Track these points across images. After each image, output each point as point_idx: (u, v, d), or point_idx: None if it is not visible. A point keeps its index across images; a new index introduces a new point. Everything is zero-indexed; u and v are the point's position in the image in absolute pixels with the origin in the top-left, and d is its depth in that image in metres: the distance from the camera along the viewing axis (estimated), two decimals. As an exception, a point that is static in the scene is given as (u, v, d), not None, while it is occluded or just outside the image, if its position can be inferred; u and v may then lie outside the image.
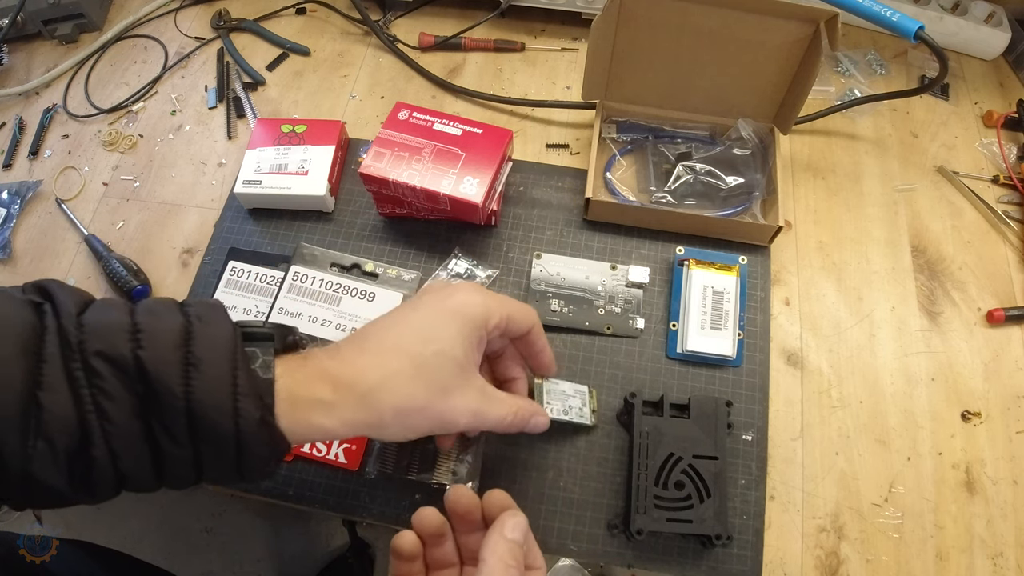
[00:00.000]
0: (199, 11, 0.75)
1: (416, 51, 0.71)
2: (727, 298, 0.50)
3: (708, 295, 0.50)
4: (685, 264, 0.51)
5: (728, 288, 0.51)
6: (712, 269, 0.51)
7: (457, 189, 0.52)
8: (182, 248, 0.60)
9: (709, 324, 0.50)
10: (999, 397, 0.53)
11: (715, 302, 0.50)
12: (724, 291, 0.50)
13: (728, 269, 0.52)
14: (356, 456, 0.50)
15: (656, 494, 0.45)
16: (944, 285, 0.57)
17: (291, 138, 0.60)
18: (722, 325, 0.50)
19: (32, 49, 0.74)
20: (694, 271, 0.50)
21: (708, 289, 0.50)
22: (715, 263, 0.52)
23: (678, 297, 0.51)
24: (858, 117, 0.66)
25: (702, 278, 0.50)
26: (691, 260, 0.51)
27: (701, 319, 0.50)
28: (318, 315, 0.55)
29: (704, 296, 0.50)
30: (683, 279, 0.51)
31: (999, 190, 0.62)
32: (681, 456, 0.46)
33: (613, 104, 0.61)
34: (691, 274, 0.50)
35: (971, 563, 0.47)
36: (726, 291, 0.50)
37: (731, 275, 0.51)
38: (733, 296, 0.50)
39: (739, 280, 0.51)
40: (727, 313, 0.50)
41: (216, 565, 1.16)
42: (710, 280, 0.51)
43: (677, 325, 0.50)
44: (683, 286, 0.51)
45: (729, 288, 0.51)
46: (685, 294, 0.50)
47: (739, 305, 0.50)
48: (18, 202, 0.63)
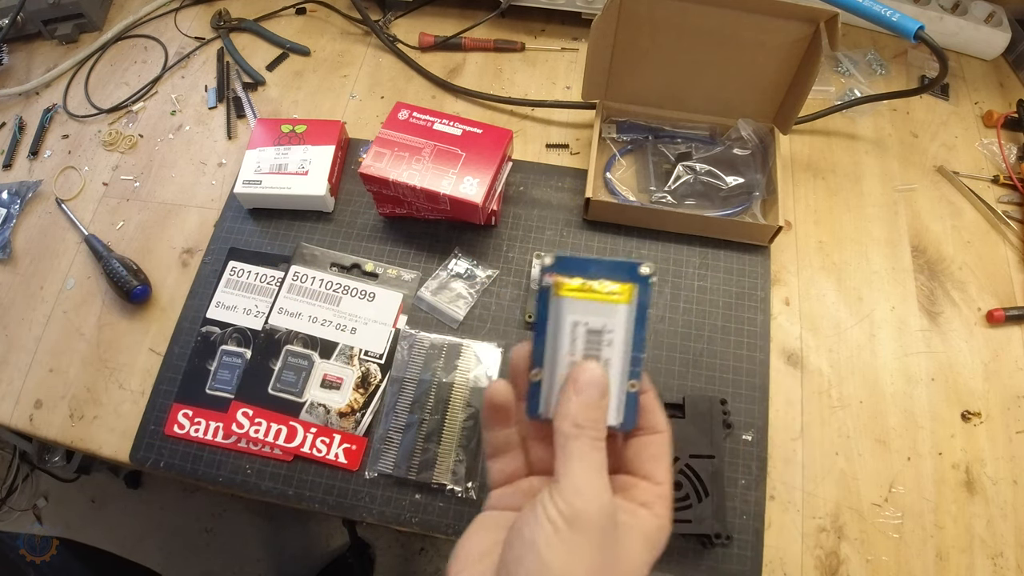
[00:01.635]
0: (199, 11, 0.75)
1: (416, 51, 0.71)
2: (608, 340, 0.30)
3: (579, 336, 0.30)
4: (550, 288, 0.30)
5: (611, 325, 0.30)
6: (590, 296, 0.30)
7: (457, 189, 0.52)
8: (182, 248, 0.60)
9: None
10: (999, 397, 0.53)
11: (589, 347, 0.30)
12: (604, 330, 0.30)
13: (615, 295, 0.30)
14: (356, 456, 0.50)
15: None
16: (944, 285, 0.57)
17: (291, 138, 0.60)
18: None
19: (32, 49, 0.74)
20: (563, 300, 0.30)
21: (579, 328, 0.30)
22: (595, 283, 0.30)
23: (543, 333, 0.30)
24: (858, 117, 0.66)
25: (572, 311, 0.30)
26: (559, 280, 0.30)
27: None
28: (318, 315, 0.55)
29: (573, 338, 0.30)
30: (546, 309, 0.30)
31: (999, 190, 0.62)
32: (677, 456, 0.46)
33: (613, 104, 0.61)
34: (559, 304, 0.30)
35: (971, 563, 0.47)
36: (607, 330, 0.30)
37: (618, 302, 0.30)
38: (620, 336, 0.30)
39: (633, 308, 0.30)
40: (608, 362, 0.30)
41: (216, 565, 1.16)
42: (584, 314, 0.30)
43: (540, 374, 0.30)
44: (549, 321, 0.30)
45: (614, 324, 0.30)
46: (552, 331, 0.30)
47: (633, 345, 0.30)
48: (18, 202, 0.63)
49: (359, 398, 0.52)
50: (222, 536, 1.19)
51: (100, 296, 0.58)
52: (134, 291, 0.56)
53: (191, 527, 1.19)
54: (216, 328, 0.55)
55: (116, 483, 1.22)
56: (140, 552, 1.19)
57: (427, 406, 0.51)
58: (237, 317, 0.55)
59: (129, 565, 0.74)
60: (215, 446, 0.51)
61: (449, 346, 0.53)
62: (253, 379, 0.53)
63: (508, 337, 0.54)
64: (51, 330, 0.57)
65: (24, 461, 1.21)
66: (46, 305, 0.58)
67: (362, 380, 0.52)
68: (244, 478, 0.51)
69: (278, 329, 0.54)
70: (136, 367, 0.55)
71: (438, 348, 0.53)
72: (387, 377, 0.53)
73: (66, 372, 0.55)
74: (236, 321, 0.55)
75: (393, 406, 0.51)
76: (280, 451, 0.51)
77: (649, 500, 0.29)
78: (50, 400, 0.54)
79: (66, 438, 0.53)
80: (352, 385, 0.52)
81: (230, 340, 0.55)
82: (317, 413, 0.51)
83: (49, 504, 1.23)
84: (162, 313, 0.57)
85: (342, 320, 0.55)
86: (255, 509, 1.19)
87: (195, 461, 0.51)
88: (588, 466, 0.26)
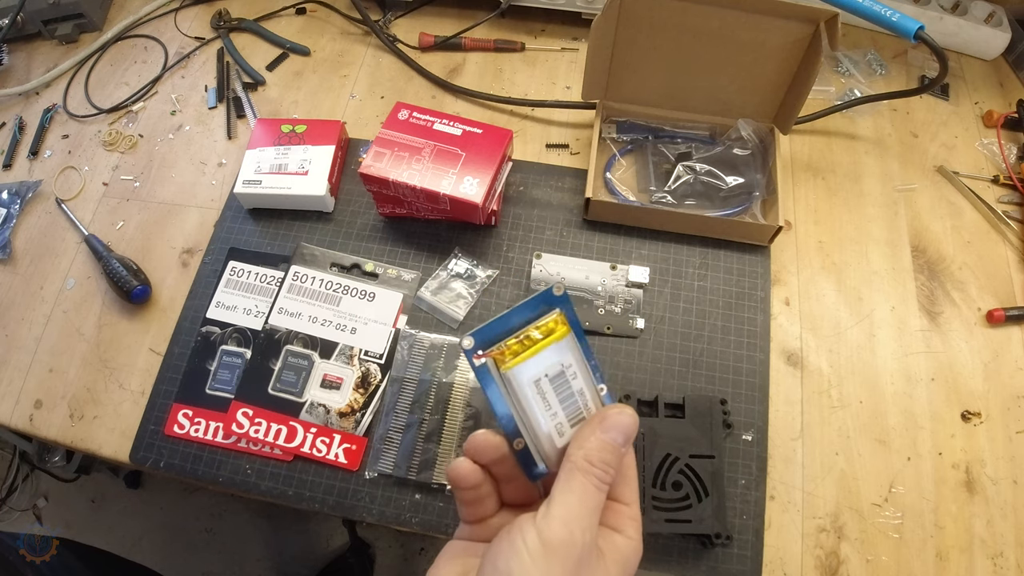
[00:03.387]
0: (199, 11, 0.75)
1: (416, 51, 0.71)
2: (572, 374, 0.29)
3: (546, 390, 0.29)
4: (487, 367, 0.29)
5: (566, 359, 0.29)
6: (534, 350, 0.28)
7: (457, 189, 0.52)
8: (182, 248, 0.60)
9: (568, 424, 0.30)
10: (999, 397, 0.53)
11: (560, 390, 0.29)
12: (564, 369, 0.29)
13: (553, 333, 0.29)
14: (356, 456, 0.50)
15: (654, 495, 0.45)
16: (944, 285, 0.57)
17: (291, 138, 0.60)
18: (584, 410, 0.30)
19: (32, 49, 0.74)
20: (512, 371, 0.28)
21: (542, 383, 0.29)
22: (526, 334, 0.29)
23: (504, 407, 0.29)
24: (858, 117, 0.66)
25: (526, 373, 0.28)
26: (495, 355, 0.28)
27: (556, 426, 0.29)
28: (318, 315, 0.55)
29: (541, 393, 0.29)
30: (494, 387, 0.29)
31: (999, 190, 0.62)
32: (678, 456, 0.46)
33: (613, 104, 0.61)
34: (510, 377, 0.28)
35: (971, 563, 0.47)
36: (565, 365, 0.29)
37: (561, 337, 0.29)
38: (577, 360, 0.29)
39: (571, 332, 0.29)
40: (581, 392, 0.30)
41: (216, 565, 1.16)
42: (538, 369, 0.29)
43: (522, 442, 0.29)
44: (503, 395, 0.29)
45: (567, 358, 0.29)
46: (513, 401, 0.29)
47: (586, 357, 0.30)
48: (18, 202, 0.63)
49: (359, 398, 0.52)
50: (222, 536, 1.19)
51: (100, 296, 0.58)
52: (134, 291, 0.56)
53: (191, 527, 1.19)
54: (216, 328, 0.55)
55: (116, 483, 1.22)
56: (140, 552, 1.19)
57: (427, 406, 0.51)
58: (237, 317, 0.55)
59: (129, 565, 0.74)
60: (215, 446, 0.51)
61: (449, 346, 0.53)
62: (253, 379, 0.53)
63: (508, 337, 0.54)
64: (51, 330, 0.57)
65: (24, 461, 1.22)
66: (46, 305, 0.58)
67: (362, 380, 0.52)
68: (244, 478, 0.51)
69: (278, 329, 0.54)
70: (136, 367, 0.55)
71: (438, 348, 0.53)
72: (387, 377, 0.53)
73: (66, 372, 0.55)
74: (236, 321, 0.55)
75: (393, 406, 0.51)
76: (280, 451, 0.51)
77: (620, 523, 0.28)
78: (50, 400, 0.54)
79: (66, 438, 0.53)
80: (352, 385, 0.52)
81: (230, 340, 0.55)
82: (317, 413, 0.51)
83: (49, 504, 1.23)
84: (162, 313, 0.57)
85: (342, 320, 0.55)
86: (255, 509, 1.19)
87: (195, 461, 0.51)
88: (584, 505, 0.26)
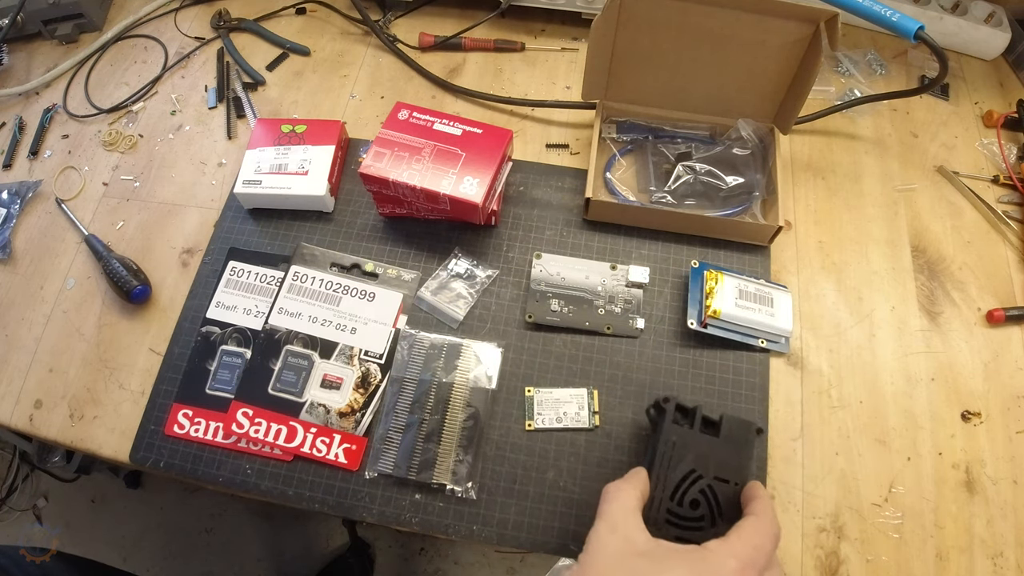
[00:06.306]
0: (199, 11, 0.75)
1: (416, 51, 0.71)
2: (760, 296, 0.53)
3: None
4: (703, 274, 0.54)
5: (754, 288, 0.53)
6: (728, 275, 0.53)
7: (457, 189, 0.52)
8: (182, 248, 0.60)
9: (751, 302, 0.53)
10: (999, 397, 0.53)
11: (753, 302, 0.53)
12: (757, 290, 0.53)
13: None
14: (356, 456, 0.50)
15: (670, 508, 0.41)
16: (944, 285, 0.57)
17: (291, 138, 0.60)
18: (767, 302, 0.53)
19: (32, 49, 0.74)
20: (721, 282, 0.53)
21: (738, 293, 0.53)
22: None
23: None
24: (858, 117, 0.66)
25: (734, 286, 0.53)
26: (711, 271, 0.54)
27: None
28: (318, 315, 0.55)
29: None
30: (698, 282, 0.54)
31: (999, 190, 0.62)
32: (702, 475, 0.42)
33: (613, 104, 0.61)
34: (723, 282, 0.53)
35: (971, 563, 0.47)
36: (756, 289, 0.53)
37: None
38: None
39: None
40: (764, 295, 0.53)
41: (216, 565, 1.16)
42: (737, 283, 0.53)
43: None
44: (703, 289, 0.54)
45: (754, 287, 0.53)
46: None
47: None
48: (18, 202, 0.63)
49: (359, 398, 0.52)
50: (222, 536, 1.18)
51: (100, 296, 0.58)
52: (134, 291, 0.56)
53: (191, 527, 1.19)
54: (216, 328, 0.55)
55: (116, 483, 1.22)
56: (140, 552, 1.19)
57: (427, 406, 0.51)
58: (237, 317, 0.55)
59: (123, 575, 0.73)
60: (215, 446, 0.51)
61: (449, 346, 0.53)
62: (253, 379, 0.53)
63: (508, 337, 0.54)
64: (51, 330, 0.57)
65: (24, 461, 1.21)
66: (46, 305, 0.58)
67: (362, 380, 0.52)
68: (244, 478, 0.51)
69: (278, 329, 0.54)
70: (136, 367, 0.55)
71: (438, 348, 0.53)
72: (387, 377, 0.53)
73: (66, 372, 0.55)
74: (236, 321, 0.55)
75: (393, 406, 0.51)
76: (280, 451, 0.51)
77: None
78: (50, 400, 0.54)
79: (66, 438, 0.53)
80: (352, 385, 0.52)
81: (230, 340, 0.55)
82: (317, 413, 0.51)
83: (49, 504, 1.23)
84: (162, 313, 0.57)
85: (342, 320, 0.55)
86: (255, 509, 1.19)
87: (195, 461, 0.51)
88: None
